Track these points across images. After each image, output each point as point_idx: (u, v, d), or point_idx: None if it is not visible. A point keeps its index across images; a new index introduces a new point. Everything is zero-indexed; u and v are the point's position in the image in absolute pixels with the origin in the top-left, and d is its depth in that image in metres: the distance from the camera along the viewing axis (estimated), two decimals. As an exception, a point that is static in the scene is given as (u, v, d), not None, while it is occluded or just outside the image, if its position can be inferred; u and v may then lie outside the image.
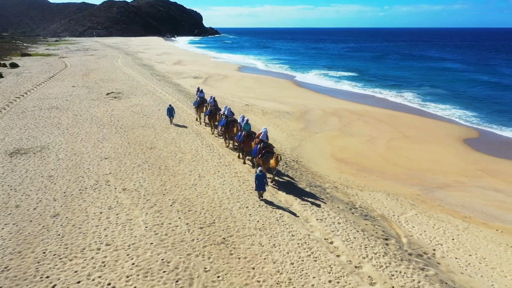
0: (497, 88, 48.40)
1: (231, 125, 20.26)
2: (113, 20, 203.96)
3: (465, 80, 55.02)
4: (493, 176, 19.92)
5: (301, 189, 15.95)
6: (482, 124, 30.59)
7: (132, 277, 9.91)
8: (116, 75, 47.75)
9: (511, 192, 17.85)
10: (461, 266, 11.54)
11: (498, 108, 36.80)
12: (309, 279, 9.95)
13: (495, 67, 71.63)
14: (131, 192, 14.98)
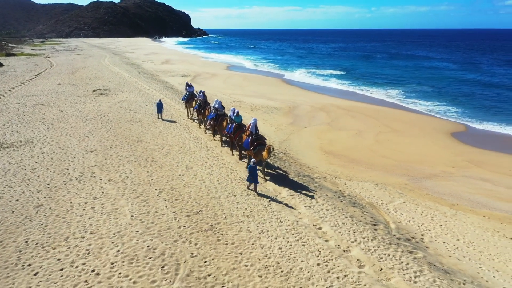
0: (482, 85, 48.94)
1: (221, 119, 19.75)
2: (100, 21, 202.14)
3: (451, 78, 55.60)
4: (480, 166, 20.08)
5: (289, 179, 15.87)
6: (468, 119, 30.85)
7: (117, 264, 9.71)
8: (103, 73, 47.25)
9: (497, 181, 18.00)
10: (449, 250, 11.55)
11: (483, 104, 37.21)
12: (297, 263, 9.85)
13: (480, 66, 72.53)
14: (117, 183, 14.74)
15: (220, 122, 19.70)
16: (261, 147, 15.57)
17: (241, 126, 17.99)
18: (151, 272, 9.37)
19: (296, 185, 15.16)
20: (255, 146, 15.70)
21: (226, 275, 9.31)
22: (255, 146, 15.70)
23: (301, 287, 8.92)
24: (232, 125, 18.21)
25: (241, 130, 17.67)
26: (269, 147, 14.91)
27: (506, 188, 17.17)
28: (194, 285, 8.91)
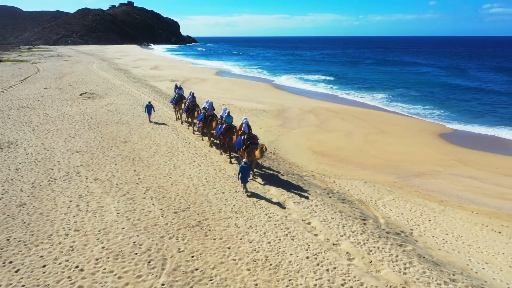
0: (468, 90, 49.51)
1: (210, 119, 19.38)
2: (88, 28, 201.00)
3: (438, 83, 56.19)
4: (467, 165, 20.22)
5: (278, 177, 15.76)
6: (454, 121, 31.09)
7: (102, 260, 9.46)
8: (91, 78, 46.83)
9: (485, 178, 18.12)
10: (438, 244, 11.52)
11: (469, 108, 37.48)
12: (286, 256, 9.71)
13: (466, 71, 73.60)
14: (103, 182, 14.48)
15: (209, 123, 19.35)
16: (253, 146, 15.17)
17: (231, 127, 17.55)
18: (136, 267, 9.15)
19: (285, 183, 15.06)
20: (247, 145, 15.28)
21: (214, 269, 9.13)
22: (247, 145, 15.28)
23: (290, 279, 8.77)
24: (222, 126, 17.82)
25: (231, 131, 17.24)
26: (262, 146, 14.54)
27: (494, 185, 17.28)
28: (181, 279, 8.71)
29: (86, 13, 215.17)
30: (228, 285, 8.53)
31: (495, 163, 20.76)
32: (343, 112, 32.58)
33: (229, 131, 17.32)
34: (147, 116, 24.42)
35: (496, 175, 18.76)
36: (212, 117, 19.47)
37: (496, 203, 15.18)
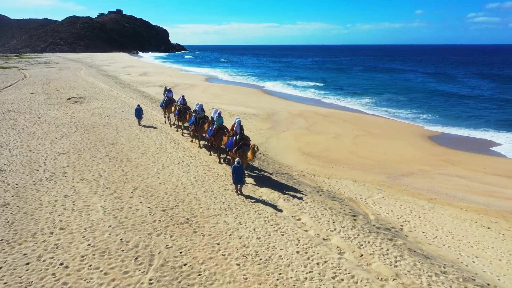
0: (455, 95, 50.10)
1: (201, 122, 18.98)
2: (76, 36, 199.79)
3: (426, 88, 56.78)
4: (456, 165, 20.37)
5: (267, 176, 15.66)
6: (441, 125, 31.31)
7: (88, 257, 9.23)
8: (78, 84, 46.37)
9: (473, 177, 18.25)
10: (428, 239, 11.51)
11: (455, 112, 37.73)
12: (276, 251, 9.58)
13: (452, 78, 74.64)
14: (90, 182, 14.22)
15: (201, 126, 18.96)
16: (245, 147, 14.80)
17: (222, 128, 17.34)
18: (123, 264, 8.94)
19: (274, 182, 14.96)
20: (239, 146, 14.89)
21: (203, 264, 8.96)
22: (239, 146, 14.89)
23: (280, 273, 8.64)
24: (212, 127, 17.55)
25: (221, 132, 17.01)
26: (254, 146, 14.15)
27: (482, 184, 17.41)
28: (169, 274, 8.52)
29: (75, 21, 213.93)
30: (217, 280, 8.36)
31: (482, 163, 20.95)
32: (332, 116, 32.70)
33: (219, 132, 17.06)
34: (135, 119, 24.14)
35: (483, 174, 18.92)
36: (203, 119, 19.12)
37: (484, 201, 15.27)
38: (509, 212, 14.13)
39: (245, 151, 14.67)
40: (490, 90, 54.96)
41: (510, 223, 13.13)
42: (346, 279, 8.44)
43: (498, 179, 18.22)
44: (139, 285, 8.17)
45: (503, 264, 10.34)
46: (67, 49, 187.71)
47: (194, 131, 19.87)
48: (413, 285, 8.31)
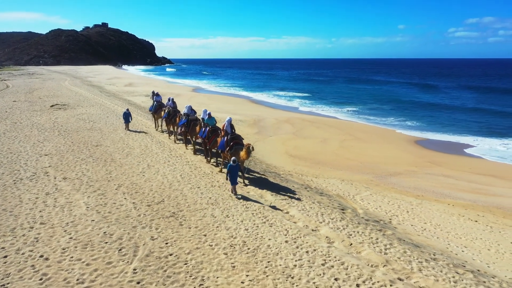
0: (438, 105, 50.60)
1: (193, 124, 18.03)
2: (61, 48, 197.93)
3: (410, 98, 57.52)
4: (441, 166, 20.53)
5: (255, 175, 15.51)
6: (425, 131, 31.58)
7: (69, 249, 8.88)
8: (62, 92, 45.74)
9: (458, 177, 18.39)
10: (417, 231, 11.46)
11: (439, 120, 38.03)
12: (265, 241, 9.39)
13: (435, 89, 75.90)
14: (73, 180, 13.84)
15: (193, 128, 18.01)
16: (238, 147, 14.04)
17: (215, 129, 16.37)
18: (107, 255, 8.62)
19: (262, 180, 14.81)
20: (231, 146, 14.14)
21: (189, 254, 8.70)
22: (231, 146, 14.14)
23: (269, 261, 8.44)
24: (205, 129, 16.57)
25: (215, 133, 16.05)
26: (248, 146, 13.42)
27: (467, 182, 17.54)
28: (154, 264, 8.24)
29: (59, 34, 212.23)
30: (204, 268, 8.11)
31: (467, 164, 21.17)
32: (318, 122, 32.83)
33: (213, 134, 16.08)
34: (121, 124, 23.79)
35: (469, 173, 19.09)
36: (195, 121, 18.22)
37: (471, 197, 15.35)
38: (495, 207, 14.21)
39: (238, 150, 13.95)
40: (472, 100, 56.02)
41: (497, 217, 13.19)
42: (336, 266, 8.28)
43: (483, 178, 18.39)
44: (122, 274, 7.87)
45: (492, 253, 10.32)
46: (51, 62, 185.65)
47: (185, 134, 18.87)
48: (404, 271, 8.19)
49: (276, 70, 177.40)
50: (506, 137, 29.00)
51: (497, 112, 42.66)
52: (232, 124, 15.31)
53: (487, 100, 55.36)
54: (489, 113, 42.54)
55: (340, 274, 7.94)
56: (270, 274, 7.89)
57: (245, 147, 13.60)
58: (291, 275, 7.89)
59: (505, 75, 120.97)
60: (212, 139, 16.07)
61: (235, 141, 14.34)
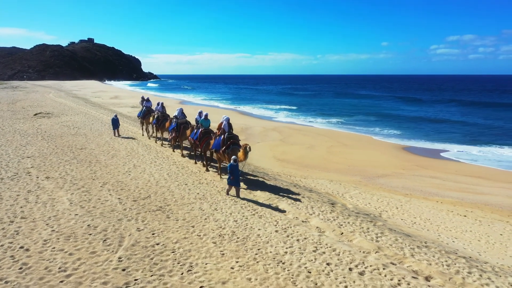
0: (423, 117, 51.24)
1: (183, 127, 17.47)
2: (45, 63, 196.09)
3: (395, 111, 58.08)
4: (428, 168, 20.67)
5: (243, 173, 15.30)
6: (411, 139, 31.82)
7: (51, 240, 8.53)
8: (46, 103, 45.06)
9: (445, 178, 18.51)
10: (407, 224, 11.41)
11: (425, 130, 38.67)
12: (254, 231, 9.18)
13: (420, 102, 77.10)
14: (56, 179, 13.45)
15: (183, 132, 17.50)
16: (235, 147, 13.34)
17: (208, 131, 15.58)
18: (90, 245, 8.30)
19: (250, 178, 14.62)
20: (228, 146, 13.44)
21: (177, 243, 8.43)
22: (228, 146, 13.44)
23: (259, 248, 8.23)
24: (198, 131, 15.82)
25: (208, 136, 15.27)
26: (246, 146, 12.73)
27: (454, 182, 17.65)
28: (141, 253, 7.95)
29: (44, 49, 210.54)
30: (192, 255, 7.86)
31: (453, 167, 21.37)
32: (305, 130, 32.93)
33: (206, 136, 15.34)
34: (106, 129, 23.43)
35: (455, 175, 19.24)
36: (185, 124, 17.63)
37: (458, 195, 15.43)
38: (483, 204, 14.28)
39: (235, 150, 13.20)
40: (454, 113, 56.90)
41: (485, 212, 13.23)
42: (328, 252, 8.11)
43: (469, 179, 18.54)
44: (107, 263, 7.55)
45: (482, 244, 10.29)
46: (36, 77, 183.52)
47: (174, 138, 18.19)
48: (396, 256, 8.06)
49: (262, 85, 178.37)
50: (484, 144, 29.31)
51: (476, 124, 43.28)
52: (230, 124, 14.52)
53: (469, 113, 56.30)
54: (470, 124, 43.11)
55: (332, 260, 7.77)
56: (260, 260, 7.68)
57: (242, 147, 12.87)
58: (282, 260, 7.69)
59: (485, 90, 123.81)
60: (204, 141, 15.25)
61: (232, 140, 13.64)
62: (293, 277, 7.06)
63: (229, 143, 13.47)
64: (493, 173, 20.18)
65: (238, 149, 13.18)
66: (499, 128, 39.14)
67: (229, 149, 13.35)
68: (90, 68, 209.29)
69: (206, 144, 15.19)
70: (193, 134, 16.02)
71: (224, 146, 13.52)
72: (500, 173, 20.15)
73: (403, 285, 6.87)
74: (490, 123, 43.48)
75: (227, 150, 13.40)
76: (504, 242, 10.50)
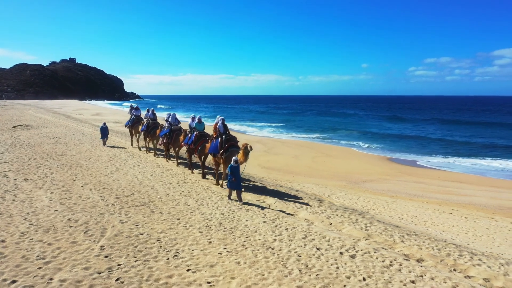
0: (404, 133, 52.06)
1: (176, 134, 16.29)
2: (25, 83, 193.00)
3: (377, 128, 58.72)
4: (411, 175, 20.86)
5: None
6: (395, 152, 32.15)
7: (29, 232, 8.13)
8: (26, 117, 44.14)
9: (429, 182, 18.70)
10: (395, 220, 11.33)
11: (405, 144, 39.14)
12: (242, 222, 8.97)
13: (401, 120, 78.39)
14: (35, 181, 12.96)
15: (176, 139, 16.33)
16: (234, 149, 12.39)
17: (204, 134, 14.50)
18: (71, 236, 7.93)
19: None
20: (226, 148, 12.46)
21: (162, 233, 8.14)
22: (226, 148, 12.46)
23: (247, 236, 8.02)
24: (192, 135, 14.71)
25: (204, 139, 14.26)
26: (246, 146, 11.72)
27: (438, 186, 17.81)
28: (124, 242, 7.63)
29: (24, 68, 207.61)
30: (178, 243, 7.58)
31: (436, 174, 21.62)
32: (289, 142, 33.00)
33: (201, 139, 14.30)
34: (87, 139, 22.91)
35: (438, 180, 19.45)
36: (178, 131, 16.46)
37: (443, 197, 15.54)
38: (467, 204, 14.39)
39: (233, 153, 12.17)
40: (436, 130, 57.93)
41: (470, 211, 13.32)
42: (318, 239, 7.95)
43: (452, 183, 18.76)
44: (88, 251, 7.21)
45: (469, 236, 10.29)
46: (15, 96, 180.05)
47: (166, 145, 16.91)
48: (386, 242, 7.96)
49: (246, 104, 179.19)
50: (465, 157, 29.70)
51: (455, 140, 43.95)
52: (226, 124, 13.49)
53: (448, 130, 57.49)
54: (449, 140, 43.78)
55: (322, 245, 7.61)
56: (249, 246, 7.46)
57: (242, 147, 11.92)
58: (271, 247, 7.49)
59: (461, 110, 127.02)
60: (200, 144, 14.21)
61: (231, 142, 12.68)
62: (283, 260, 6.86)
63: (227, 146, 12.53)
64: (474, 179, 20.47)
65: (237, 151, 12.22)
66: (476, 143, 39.93)
67: (227, 152, 12.40)
68: (71, 87, 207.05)
69: (202, 147, 14.18)
70: (187, 139, 14.95)
71: (222, 149, 12.54)
72: (481, 179, 20.47)
73: (395, 265, 6.74)
74: (467, 139, 44.32)
75: (225, 153, 12.42)
76: (491, 235, 10.53)
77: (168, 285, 5.86)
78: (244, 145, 11.73)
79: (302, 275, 6.28)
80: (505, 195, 16.44)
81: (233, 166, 10.83)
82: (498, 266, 7.02)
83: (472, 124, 66.91)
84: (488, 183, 18.99)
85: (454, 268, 6.84)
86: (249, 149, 11.70)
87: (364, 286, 5.95)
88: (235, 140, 12.96)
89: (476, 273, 6.61)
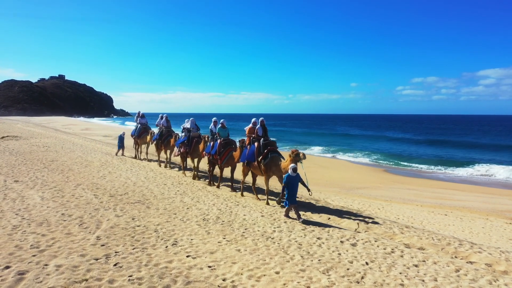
0: (392, 147, 52.89)
1: (195, 142, 14.25)
2: (13, 99, 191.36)
3: (368, 144, 59.34)
4: (405, 183, 20.98)
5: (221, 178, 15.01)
6: (386, 163, 32.50)
7: (22, 226, 7.92)
8: (14, 130, 43.52)
9: (422, 189, 18.82)
10: (391, 220, 11.29)
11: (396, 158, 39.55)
12: (240, 216, 8.88)
13: (390, 138, 79.07)
14: (26, 182, 12.71)
15: (195, 146, 14.28)
16: (274, 155, 10.31)
17: (229, 142, 12.57)
18: (65, 228, 7.75)
19: (227, 182, 14.31)
20: (265, 154, 10.36)
21: (159, 225, 8.00)
22: (265, 154, 10.36)
23: (246, 228, 7.92)
24: (215, 143, 12.72)
25: (230, 147, 12.36)
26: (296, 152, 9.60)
27: (431, 193, 17.91)
28: (121, 233, 7.46)
29: (12, 85, 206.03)
30: (176, 234, 7.44)
31: (429, 182, 21.77)
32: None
33: (227, 147, 12.39)
34: (77, 148, 22.62)
35: (431, 187, 19.58)
36: (198, 138, 14.42)
37: (437, 201, 15.61)
38: (461, 207, 14.44)
39: (276, 160, 10.18)
40: (423, 146, 58.64)
41: (464, 213, 13.38)
42: (317, 230, 7.88)
43: (445, 190, 18.91)
44: (84, 240, 7.03)
45: (466, 233, 10.30)
46: (1, 113, 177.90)
47: (184, 155, 14.85)
48: (386, 234, 7.93)
49: (236, 122, 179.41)
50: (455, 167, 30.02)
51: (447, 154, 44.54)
52: (266, 127, 11.47)
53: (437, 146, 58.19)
54: (441, 155, 44.40)
55: (322, 235, 7.54)
56: (248, 236, 7.36)
57: (291, 154, 9.68)
58: (271, 237, 7.40)
59: (448, 128, 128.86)
60: (225, 154, 12.30)
61: (271, 148, 10.55)
62: (283, 248, 6.77)
63: (267, 151, 10.45)
64: (466, 187, 20.66)
65: (279, 158, 10.31)
66: (469, 157, 40.46)
67: (266, 160, 10.37)
68: (60, 104, 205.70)
69: (229, 157, 12.31)
70: (209, 148, 12.97)
71: (261, 156, 10.47)
72: (473, 187, 20.66)
73: (397, 252, 6.70)
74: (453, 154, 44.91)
75: (265, 160, 10.37)
76: (487, 232, 10.56)
77: (168, 269, 5.72)
78: (295, 151, 9.57)
79: (304, 260, 6.19)
80: (497, 200, 16.59)
81: (290, 176, 8.96)
82: (499, 254, 7.01)
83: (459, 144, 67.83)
84: (480, 190, 19.17)
85: (455, 256, 6.81)
86: (302, 157, 9.58)
87: (368, 270, 5.89)
88: (275, 145, 10.91)
89: (478, 259, 6.59)
